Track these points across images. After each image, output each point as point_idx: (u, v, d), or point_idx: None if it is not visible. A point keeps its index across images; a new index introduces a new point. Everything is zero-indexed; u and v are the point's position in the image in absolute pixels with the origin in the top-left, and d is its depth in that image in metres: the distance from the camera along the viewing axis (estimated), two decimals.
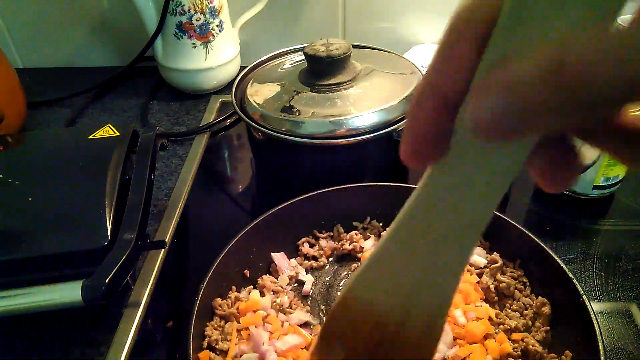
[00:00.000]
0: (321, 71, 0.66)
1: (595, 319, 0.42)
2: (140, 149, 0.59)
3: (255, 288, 0.54)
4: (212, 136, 0.83)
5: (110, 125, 0.61)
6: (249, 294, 0.52)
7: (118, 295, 0.46)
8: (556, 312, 0.48)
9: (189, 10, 0.83)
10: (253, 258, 0.55)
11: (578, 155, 0.19)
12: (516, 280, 0.52)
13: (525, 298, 0.51)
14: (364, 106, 0.62)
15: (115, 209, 0.51)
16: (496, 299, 0.52)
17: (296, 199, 0.56)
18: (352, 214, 0.61)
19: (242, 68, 0.76)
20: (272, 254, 0.56)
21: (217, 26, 0.87)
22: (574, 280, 0.46)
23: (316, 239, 0.59)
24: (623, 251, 0.59)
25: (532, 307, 0.50)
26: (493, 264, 0.53)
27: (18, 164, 0.58)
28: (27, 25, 1.00)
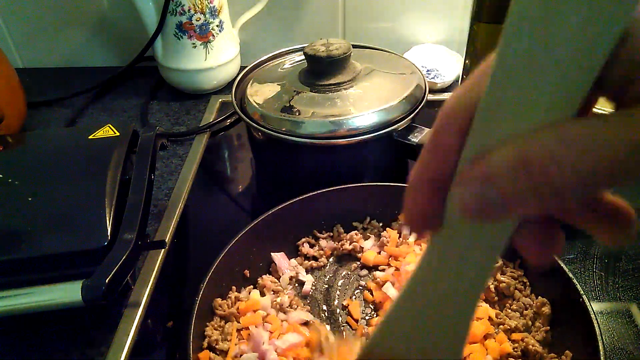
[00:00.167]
0: (321, 71, 0.66)
1: (595, 319, 0.42)
2: (140, 149, 0.59)
3: (255, 288, 0.54)
4: (212, 136, 0.83)
5: (110, 125, 0.61)
6: (249, 293, 0.52)
7: (118, 295, 0.46)
8: (556, 312, 0.48)
9: (189, 10, 0.83)
10: (253, 258, 0.55)
11: (561, 234, 0.22)
12: (516, 280, 0.52)
13: (525, 298, 0.51)
14: (364, 106, 0.62)
15: (115, 209, 0.51)
16: (496, 299, 0.52)
17: (296, 199, 0.56)
18: (352, 214, 0.61)
19: (242, 68, 0.76)
20: (272, 254, 0.56)
21: (217, 26, 0.87)
22: (574, 280, 0.46)
23: (316, 239, 0.59)
24: (623, 251, 0.59)
25: (532, 307, 0.50)
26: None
27: (18, 164, 0.58)
28: (27, 25, 1.00)
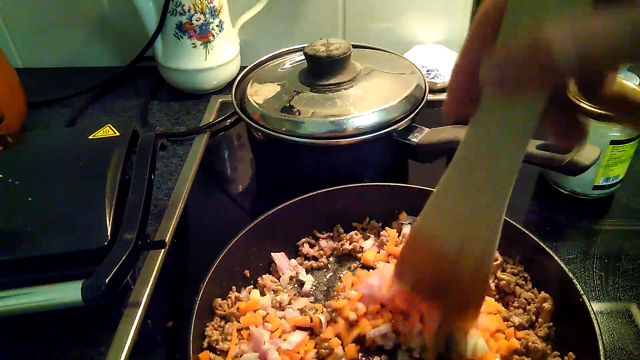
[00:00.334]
0: (321, 71, 0.66)
1: (595, 319, 0.42)
2: (140, 149, 0.59)
3: (255, 288, 0.54)
4: (212, 136, 0.83)
5: (110, 125, 0.61)
6: (249, 293, 0.52)
7: (118, 295, 0.46)
8: (556, 312, 0.48)
9: (189, 10, 0.83)
10: (253, 258, 0.55)
11: (582, 123, 0.27)
12: (517, 276, 0.52)
13: (527, 293, 0.51)
14: (364, 106, 0.62)
15: (115, 209, 0.51)
16: (497, 296, 0.52)
17: (296, 199, 0.56)
18: (352, 214, 0.61)
19: (242, 68, 0.76)
20: (272, 254, 0.56)
21: (217, 26, 0.87)
22: (574, 280, 0.46)
23: (316, 239, 0.59)
24: (623, 251, 0.59)
25: (534, 301, 0.50)
26: (493, 261, 0.53)
27: (18, 164, 0.58)
28: (27, 25, 1.00)
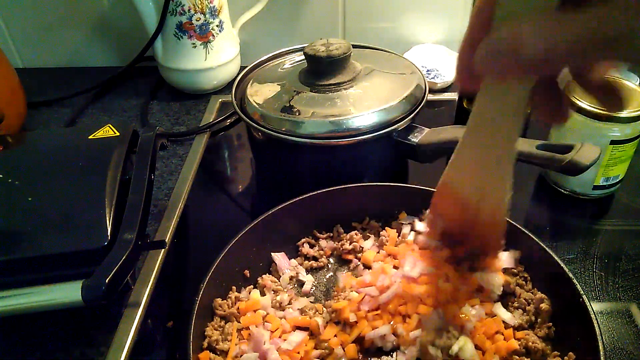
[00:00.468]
0: (321, 71, 0.66)
1: (595, 319, 0.42)
2: (140, 149, 0.59)
3: (255, 288, 0.54)
4: (212, 136, 0.83)
5: (110, 125, 0.61)
6: (249, 293, 0.52)
7: (118, 295, 0.46)
8: (556, 312, 0.48)
9: (189, 10, 0.83)
10: (253, 258, 0.55)
11: (566, 98, 0.33)
12: (517, 276, 0.52)
13: (527, 293, 0.51)
14: (364, 106, 0.62)
15: (115, 209, 0.51)
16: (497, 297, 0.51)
17: (296, 199, 0.56)
18: (352, 214, 0.61)
19: (242, 68, 0.76)
20: (272, 254, 0.56)
21: (217, 26, 0.87)
22: (574, 280, 0.46)
23: (316, 239, 0.59)
24: (623, 251, 0.59)
25: (533, 301, 0.50)
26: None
27: (18, 164, 0.58)
28: (27, 25, 1.00)
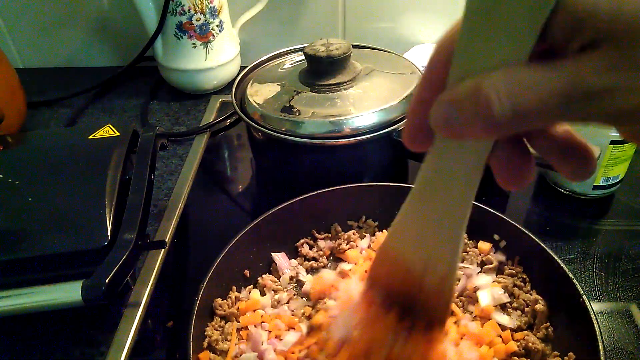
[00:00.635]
0: (321, 71, 0.66)
1: (595, 319, 0.42)
2: (140, 149, 0.59)
3: (255, 288, 0.54)
4: (212, 136, 0.83)
5: (110, 125, 0.61)
6: (249, 293, 0.52)
7: (118, 295, 0.46)
8: (556, 312, 0.48)
9: (189, 10, 0.83)
10: (253, 258, 0.55)
11: (532, 165, 0.27)
12: (515, 277, 0.52)
13: (526, 294, 0.51)
14: (364, 106, 0.62)
15: (115, 209, 0.51)
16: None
17: (296, 199, 0.56)
18: (352, 214, 0.61)
19: (242, 68, 0.76)
20: (272, 254, 0.56)
21: (217, 26, 0.87)
22: (574, 280, 0.46)
23: (315, 240, 0.59)
24: (623, 251, 0.59)
25: (531, 303, 0.50)
26: (488, 264, 0.54)
27: (18, 164, 0.58)
28: (27, 25, 1.00)
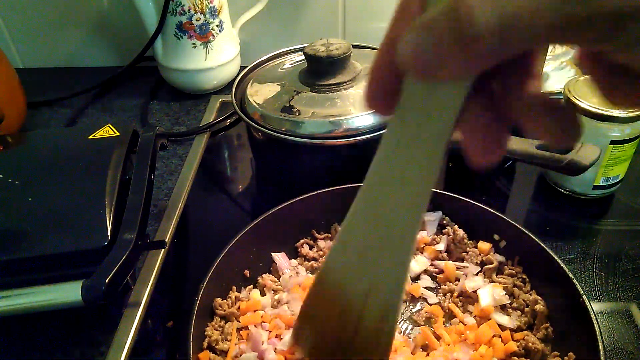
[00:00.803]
0: (321, 71, 0.66)
1: (595, 319, 0.42)
2: (140, 149, 0.59)
3: (255, 287, 0.54)
4: (212, 136, 0.83)
5: (110, 125, 0.61)
6: (250, 293, 0.52)
7: (118, 295, 0.46)
8: (556, 312, 0.48)
9: (189, 10, 0.83)
10: (253, 258, 0.55)
11: (506, 133, 0.22)
12: (514, 277, 0.52)
13: (526, 294, 0.51)
14: (364, 106, 0.62)
15: (115, 209, 0.51)
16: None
17: (296, 199, 0.56)
18: None
19: (242, 68, 0.76)
20: (272, 254, 0.56)
21: (217, 26, 0.87)
22: (574, 280, 0.46)
23: (315, 240, 0.59)
24: (623, 251, 0.59)
25: (530, 303, 0.50)
26: (488, 264, 0.54)
27: (18, 164, 0.58)
28: (27, 25, 1.00)
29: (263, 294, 0.53)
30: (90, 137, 0.60)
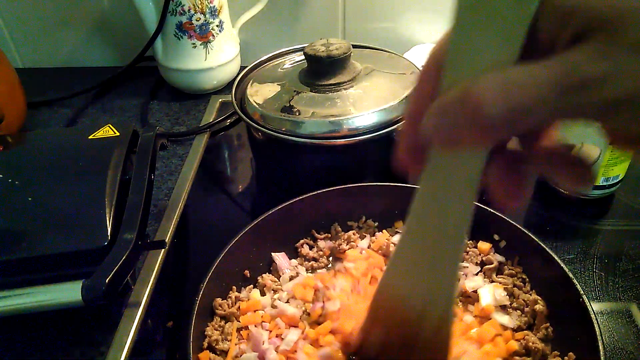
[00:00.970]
0: (321, 71, 0.66)
1: (595, 319, 0.42)
2: (140, 149, 0.59)
3: (255, 287, 0.54)
4: (212, 136, 0.83)
5: (110, 125, 0.61)
6: (250, 293, 0.52)
7: (118, 295, 0.46)
8: (556, 312, 0.48)
9: (189, 10, 0.83)
10: (253, 258, 0.55)
11: (528, 180, 0.26)
12: (514, 277, 0.52)
13: (526, 294, 0.51)
14: (364, 106, 0.62)
15: (115, 209, 0.51)
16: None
17: (296, 199, 0.56)
18: (352, 214, 0.60)
19: (242, 68, 0.76)
20: (272, 254, 0.56)
21: (217, 26, 0.87)
22: (574, 280, 0.46)
23: (315, 240, 0.59)
24: (623, 251, 0.59)
25: (530, 303, 0.50)
26: (488, 264, 0.54)
27: (18, 164, 0.58)
28: (27, 25, 1.00)
29: (263, 293, 0.53)
30: (90, 137, 0.60)
